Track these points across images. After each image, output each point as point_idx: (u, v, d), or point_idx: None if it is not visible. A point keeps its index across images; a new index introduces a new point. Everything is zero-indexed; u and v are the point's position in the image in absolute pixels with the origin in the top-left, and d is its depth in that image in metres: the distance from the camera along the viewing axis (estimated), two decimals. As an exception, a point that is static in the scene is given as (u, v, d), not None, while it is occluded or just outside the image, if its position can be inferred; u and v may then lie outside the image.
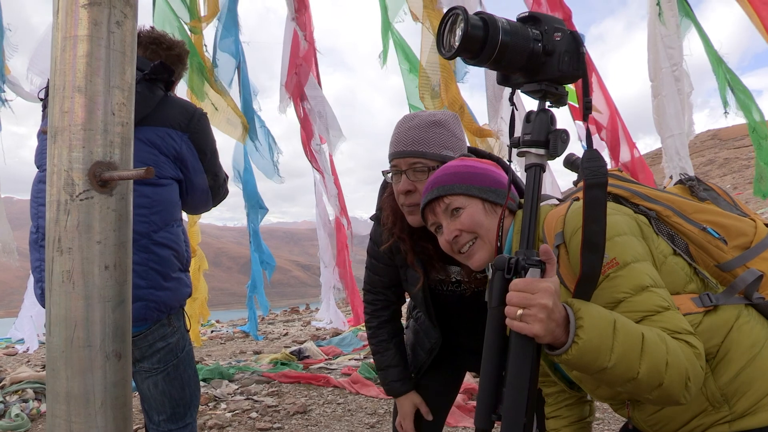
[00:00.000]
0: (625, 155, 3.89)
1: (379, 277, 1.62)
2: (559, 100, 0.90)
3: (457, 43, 0.81)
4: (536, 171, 0.86)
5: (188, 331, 1.68)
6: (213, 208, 1.87)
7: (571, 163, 1.23)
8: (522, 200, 1.20)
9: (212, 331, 8.89)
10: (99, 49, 0.78)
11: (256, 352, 5.93)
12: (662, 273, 0.97)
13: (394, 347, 1.63)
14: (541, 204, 1.12)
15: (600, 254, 0.86)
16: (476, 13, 0.82)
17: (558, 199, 1.24)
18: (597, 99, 3.94)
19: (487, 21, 0.80)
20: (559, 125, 0.88)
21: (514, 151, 0.92)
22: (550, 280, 0.80)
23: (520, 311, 0.78)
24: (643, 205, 1.07)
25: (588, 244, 0.85)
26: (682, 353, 0.84)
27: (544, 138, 0.86)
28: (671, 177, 3.49)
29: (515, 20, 0.85)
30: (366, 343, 5.88)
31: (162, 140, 1.54)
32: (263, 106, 4.71)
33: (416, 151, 1.34)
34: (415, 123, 1.37)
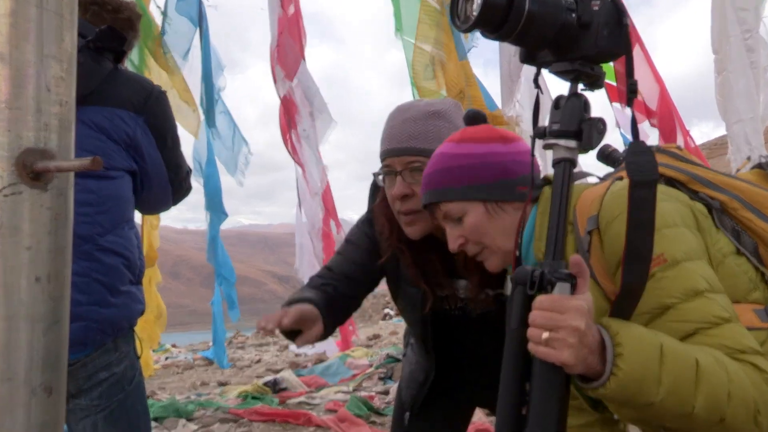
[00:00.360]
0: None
1: (347, 260, 1.50)
2: (595, 83, 0.90)
3: (475, 13, 0.81)
4: (566, 166, 0.86)
5: (139, 358, 1.67)
6: (172, 207, 1.86)
7: (606, 156, 1.23)
8: (544, 176, 1.17)
9: (167, 358, 8.87)
10: (28, 8, 0.76)
11: (222, 384, 5.91)
12: (719, 275, 0.95)
13: (321, 292, 1.41)
14: (576, 183, 1.08)
15: (646, 265, 0.85)
16: None
17: (599, 178, 1.21)
18: (642, 77, 3.88)
19: None
20: (594, 111, 0.88)
21: (539, 142, 0.91)
22: (582, 298, 0.79)
23: (546, 334, 0.77)
24: (703, 192, 1.04)
25: (632, 252, 0.85)
26: (747, 379, 0.82)
27: (575, 127, 0.86)
28: (748, 158, 3.26)
29: None
30: (357, 372, 5.86)
31: (111, 123, 1.53)
32: (233, 84, 4.71)
33: (413, 148, 1.33)
34: (410, 115, 1.37)
